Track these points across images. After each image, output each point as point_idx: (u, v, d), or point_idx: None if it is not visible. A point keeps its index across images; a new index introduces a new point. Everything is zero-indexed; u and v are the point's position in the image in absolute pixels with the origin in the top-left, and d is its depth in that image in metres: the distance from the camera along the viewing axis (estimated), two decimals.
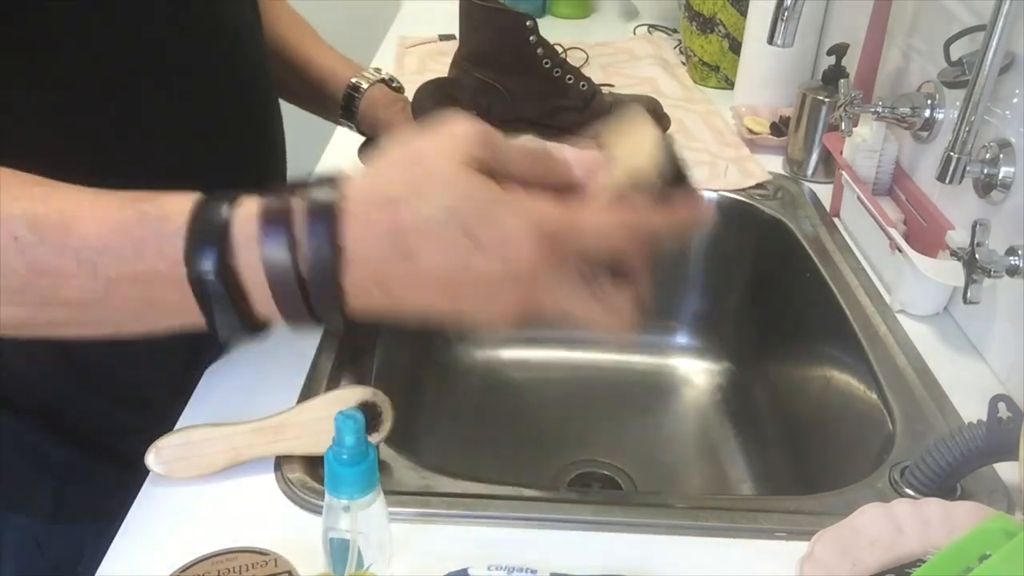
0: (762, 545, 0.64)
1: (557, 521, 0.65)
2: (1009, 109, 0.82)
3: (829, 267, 0.98)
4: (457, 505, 0.66)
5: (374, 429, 0.68)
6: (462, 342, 1.16)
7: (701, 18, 1.42)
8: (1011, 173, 0.81)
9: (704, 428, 1.10)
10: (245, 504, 0.65)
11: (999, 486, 0.69)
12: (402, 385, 0.97)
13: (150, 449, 0.66)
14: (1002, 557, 0.51)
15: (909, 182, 1.00)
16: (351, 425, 0.52)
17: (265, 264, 0.40)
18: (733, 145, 1.22)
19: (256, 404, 0.70)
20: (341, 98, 0.91)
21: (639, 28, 1.69)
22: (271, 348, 0.80)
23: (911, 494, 0.67)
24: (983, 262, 0.77)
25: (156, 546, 0.61)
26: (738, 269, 1.14)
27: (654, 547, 0.63)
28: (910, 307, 0.90)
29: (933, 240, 0.91)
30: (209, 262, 0.40)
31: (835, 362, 0.92)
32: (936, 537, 0.58)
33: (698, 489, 1.03)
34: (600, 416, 1.11)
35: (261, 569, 0.58)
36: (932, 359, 0.83)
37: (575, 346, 1.18)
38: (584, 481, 1.01)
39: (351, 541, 0.54)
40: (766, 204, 1.10)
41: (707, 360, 1.17)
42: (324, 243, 0.39)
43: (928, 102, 0.95)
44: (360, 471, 0.53)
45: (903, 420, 0.76)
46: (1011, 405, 0.64)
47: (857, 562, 0.58)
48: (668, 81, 1.43)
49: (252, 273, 0.41)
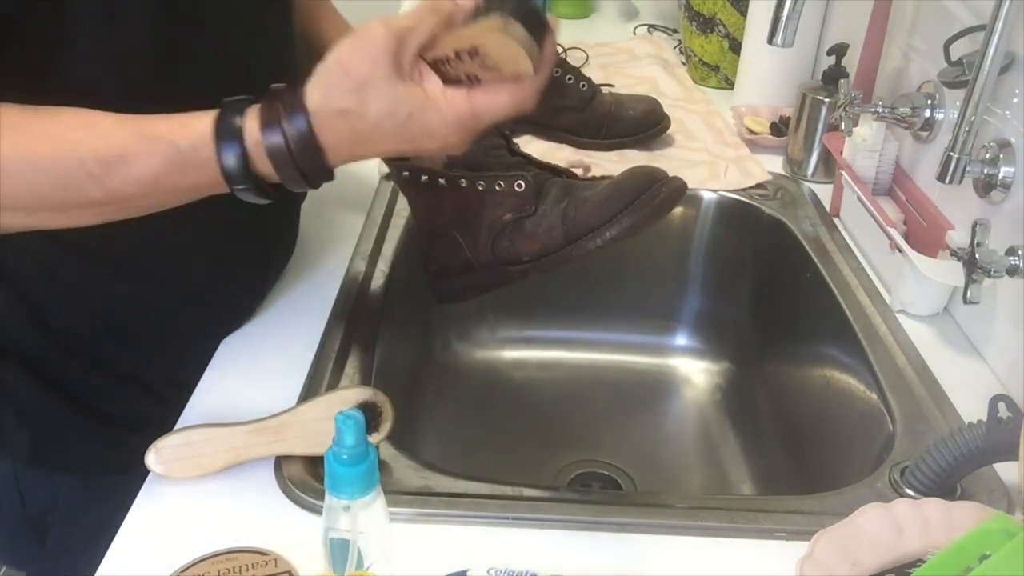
0: (762, 545, 0.64)
1: (557, 521, 0.65)
2: (1009, 109, 0.82)
3: (829, 267, 0.98)
4: (457, 505, 0.66)
5: (374, 429, 0.68)
6: (462, 342, 1.16)
7: (701, 18, 1.42)
8: (1011, 173, 0.81)
9: (704, 428, 1.10)
10: (245, 504, 0.65)
11: (999, 486, 0.69)
12: (402, 385, 0.97)
13: (150, 449, 0.66)
14: (1002, 557, 0.51)
15: (909, 182, 1.00)
16: (351, 425, 0.52)
17: (268, 150, 0.57)
18: (733, 145, 1.22)
19: (256, 404, 0.70)
20: None
21: (639, 28, 1.69)
22: (271, 348, 0.81)
23: (911, 494, 0.67)
24: (983, 262, 0.77)
25: (156, 546, 0.61)
26: (738, 269, 1.14)
27: (654, 547, 0.63)
28: (910, 307, 0.90)
29: (933, 240, 0.91)
30: (233, 161, 0.57)
31: (835, 362, 0.92)
32: (936, 537, 0.58)
33: (698, 489, 1.03)
34: (600, 416, 1.11)
35: (261, 569, 0.58)
36: (932, 359, 0.83)
37: (575, 346, 1.18)
38: (584, 481, 1.01)
39: (351, 541, 0.54)
40: (766, 204, 1.10)
41: (707, 360, 1.17)
42: (306, 135, 0.56)
43: (928, 102, 0.95)
44: (360, 471, 0.53)
45: (903, 420, 0.76)
46: (1011, 405, 0.64)
47: (857, 562, 0.57)
48: (668, 81, 1.43)
49: (261, 160, 0.58)
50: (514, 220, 0.76)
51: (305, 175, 0.58)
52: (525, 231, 0.76)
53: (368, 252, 0.95)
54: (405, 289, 0.96)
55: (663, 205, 0.75)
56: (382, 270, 0.94)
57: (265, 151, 0.57)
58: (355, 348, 0.83)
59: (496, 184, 0.77)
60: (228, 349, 0.80)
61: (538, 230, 0.75)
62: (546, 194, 0.77)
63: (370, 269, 0.93)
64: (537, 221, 0.76)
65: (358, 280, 0.91)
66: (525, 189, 0.76)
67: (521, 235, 0.76)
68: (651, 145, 1.21)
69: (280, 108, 0.57)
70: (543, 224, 0.75)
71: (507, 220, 0.76)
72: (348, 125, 0.56)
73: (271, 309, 0.86)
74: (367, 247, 0.96)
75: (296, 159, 0.57)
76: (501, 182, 0.77)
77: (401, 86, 0.55)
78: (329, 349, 0.81)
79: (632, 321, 1.18)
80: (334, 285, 0.89)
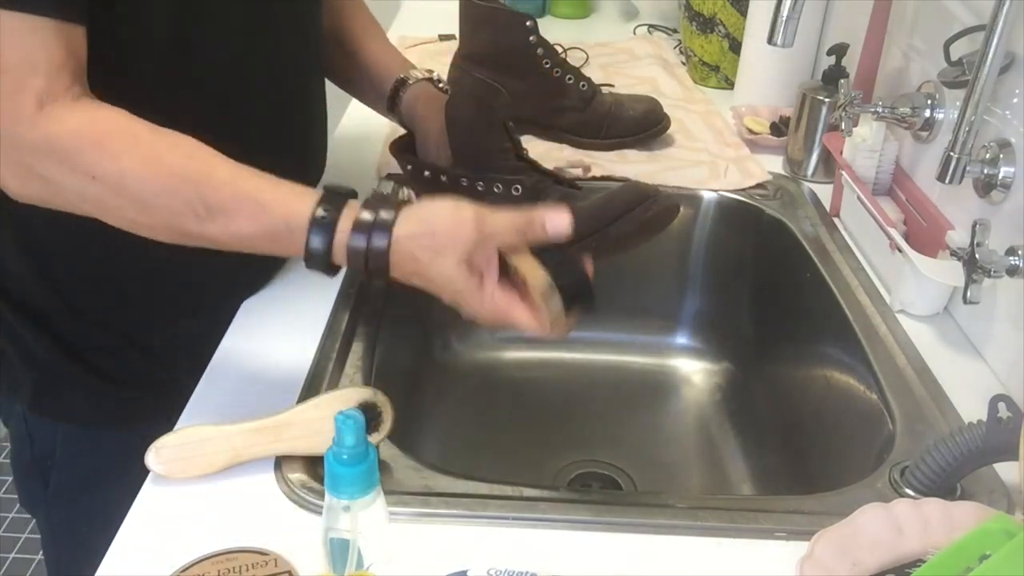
0: (762, 545, 0.64)
1: (557, 521, 0.65)
2: (1009, 109, 0.82)
3: (829, 267, 0.98)
4: (457, 505, 0.66)
5: (374, 429, 0.68)
6: (462, 342, 1.16)
7: (701, 18, 1.42)
8: (1011, 173, 0.81)
9: (704, 428, 1.10)
10: (245, 504, 0.65)
11: (999, 486, 0.69)
12: (402, 385, 0.97)
13: (150, 449, 0.66)
14: (1002, 557, 0.51)
15: (909, 182, 1.00)
16: (351, 425, 0.52)
17: (349, 249, 0.65)
18: (733, 145, 1.22)
19: (256, 404, 0.70)
20: (388, 91, 0.94)
21: (639, 28, 1.69)
22: (271, 347, 0.81)
23: (911, 494, 0.67)
24: (983, 262, 0.77)
25: (156, 546, 0.61)
26: (738, 269, 1.14)
27: (654, 547, 0.63)
28: (910, 307, 0.90)
29: (933, 240, 0.91)
30: (318, 248, 0.65)
31: (835, 362, 0.92)
32: (936, 537, 0.58)
33: (698, 489, 1.03)
34: (600, 416, 1.11)
35: (261, 569, 0.58)
36: (932, 359, 0.83)
37: (575, 346, 1.18)
38: (584, 481, 1.01)
39: (351, 541, 0.54)
40: (766, 204, 1.10)
41: (707, 360, 1.17)
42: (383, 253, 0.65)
43: (928, 102, 0.95)
44: (360, 471, 0.53)
45: (903, 420, 0.76)
46: (1011, 405, 0.64)
47: (857, 562, 0.58)
48: (668, 81, 1.43)
49: (340, 252, 0.65)
50: None
51: (368, 275, 0.67)
52: None
53: None
54: (405, 289, 0.96)
55: (654, 221, 0.77)
56: None
57: (346, 249, 0.65)
58: (355, 348, 0.83)
59: (495, 187, 0.77)
60: (228, 349, 0.81)
61: None
62: (545, 199, 0.78)
63: None
64: None
65: (358, 280, 0.91)
66: (521, 194, 0.77)
67: None
68: (651, 145, 1.21)
69: (375, 220, 0.65)
70: None
71: None
72: (413, 268, 0.66)
73: (271, 308, 0.86)
74: None
75: (367, 264, 0.66)
76: (499, 185, 0.77)
77: (464, 272, 0.65)
78: (329, 349, 0.81)
79: (632, 321, 1.18)
80: (334, 285, 0.89)
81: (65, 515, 0.92)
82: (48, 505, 0.93)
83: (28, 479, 0.92)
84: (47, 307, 0.83)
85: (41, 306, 0.83)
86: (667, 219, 0.79)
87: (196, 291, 0.84)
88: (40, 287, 0.82)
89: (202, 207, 0.64)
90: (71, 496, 0.90)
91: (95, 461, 0.88)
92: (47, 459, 0.89)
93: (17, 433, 0.91)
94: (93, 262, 0.80)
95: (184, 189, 0.65)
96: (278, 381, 0.76)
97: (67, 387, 0.86)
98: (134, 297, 0.83)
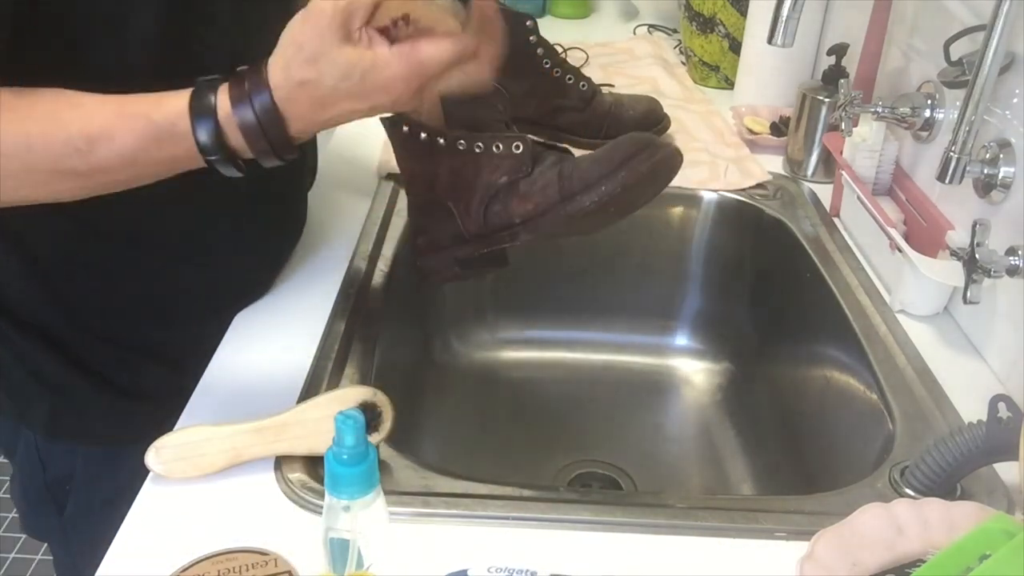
0: (762, 545, 0.64)
1: (557, 521, 0.65)
2: (1009, 109, 0.82)
3: (829, 267, 0.98)
4: (457, 505, 0.66)
5: (374, 429, 0.68)
6: (462, 342, 1.16)
7: (701, 18, 1.42)
8: (1011, 173, 0.81)
9: (704, 428, 1.10)
10: (245, 504, 0.65)
11: (999, 486, 0.69)
12: (402, 385, 0.97)
13: (150, 449, 0.66)
14: (1002, 557, 0.51)
15: (909, 182, 1.00)
16: (351, 425, 0.52)
17: (239, 125, 0.62)
18: (733, 145, 1.22)
19: (256, 404, 0.70)
20: None
21: (639, 28, 1.69)
22: (271, 348, 0.81)
23: (911, 494, 0.67)
24: (983, 262, 0.77)
25: (156, 546, 0.61)
26: (738, 269, 1.14)
27: (654, 547, 0.63)
28: (910, 307, 0.90)
29: (933, 240, 0.91)
30: (207, 135, 0.62)
31: (835, 362, 0.92)
32: (936, 537, 0.58)
33: (698, 489, 1.03)
34: (600, 416, 1.11)
35: (261, 569, 0.58)
36: (932, 359, 0.83)
37: (575, 346, 1.18)
38: (584, 481, 1.01)
39: (351, 541, 0.54)
40: (766, 204, 1.10)
41: (707, 360, 1.17)
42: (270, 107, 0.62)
43: (928, 102, 0.95)
44: (360, 471, 0.53)
45: (903, 420, 0.76)
46: (1011, 405, 0.64)
47: (857, 562, 0.58)
48: (668, 81, 1.43)
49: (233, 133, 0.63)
50: (509, 183, 0.76)
51: (273, 145, 0.64)
52: (519, 192, 0.75)
53: (368, 252, 0.95)
54: (405, 289, 0.96)
55: (660, 166, 0.74)
56: (382, 270, 0.94)
57: (236, 124, 0.62)
58: (355, 348, 0.83)
59: (494, 146, 0.76)
60: (228, 349, 0.81)
61: (533, 188, 0.75)
62: (543, 159, 0.77)
63: (370, 269, 0.93)
64: (532, 180, 0.75)
65: (358, 280, 0.91)
66: (523, 151, 0.76)
67: (515, 196, 0.76)
68: None
69: (247, 85, 0.62)
70: (538, 183, 0.75)
71: (502, 183, 0.76)
72: (307, 94, 0.62)
73: (271, 308, 0.86)
74: (367, 247, 0.96)
75: (264, 130, 0.62)
76: (499, 144, 0.76)
77: (352, 51, 0.60)
78: (329, 349, 0.81)
79: (632, 321, 1.18)
80: (334, 285, 0.89)
81: (87, 538, 0.86)
82: (66, 531, 0.90)
83: (39, 507, 0.90)
84: (57, 326, 0.81)
85: (50, 325, 0.81)
86: (673, 165, 0.76)
87: (197, 297, 0.83)
88: (47, 305, 0.80)
89: (82, 140, 0.63)
90: (93, 518, 0.86)
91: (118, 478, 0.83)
92: (64, 484, 0.87)
93: (26, 461, 0.88)
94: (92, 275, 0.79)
95: (57, 130, 0.63)
96: (278, 381, 0.76)
97: (86, 407, 0.84)
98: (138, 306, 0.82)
